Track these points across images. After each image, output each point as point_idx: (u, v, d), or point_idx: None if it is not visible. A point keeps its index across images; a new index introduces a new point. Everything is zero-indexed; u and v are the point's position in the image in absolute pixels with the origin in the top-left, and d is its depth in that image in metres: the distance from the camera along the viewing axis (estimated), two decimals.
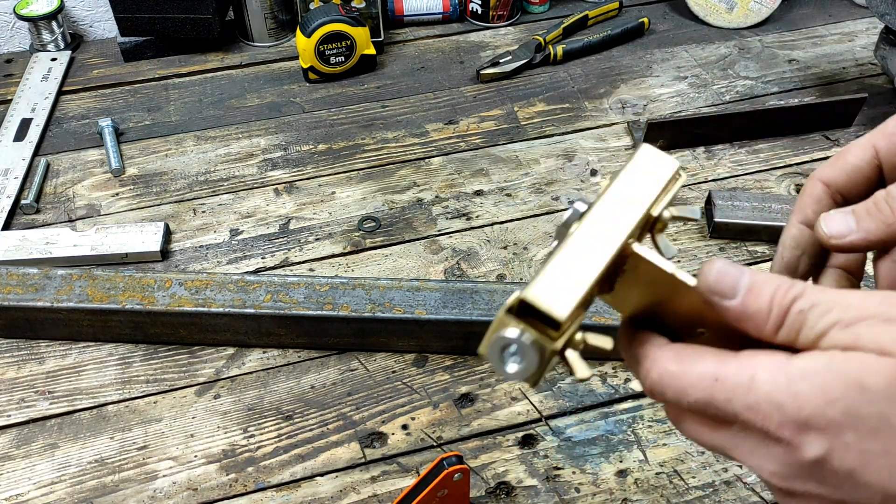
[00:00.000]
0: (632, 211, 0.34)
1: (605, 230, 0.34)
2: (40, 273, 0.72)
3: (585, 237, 0.34)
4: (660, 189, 0.35)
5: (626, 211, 0.34)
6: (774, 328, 0.30)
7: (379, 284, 0.71)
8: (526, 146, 0.94)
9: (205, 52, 1.10)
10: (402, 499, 0.55)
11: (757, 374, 0.29)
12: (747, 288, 0.31)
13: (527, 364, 0.32)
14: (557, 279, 0.32)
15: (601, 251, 0.33)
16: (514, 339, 0.31)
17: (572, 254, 0.33)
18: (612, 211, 0.34)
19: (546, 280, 0.32)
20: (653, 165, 0.36)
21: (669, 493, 0.62)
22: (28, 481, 0.63)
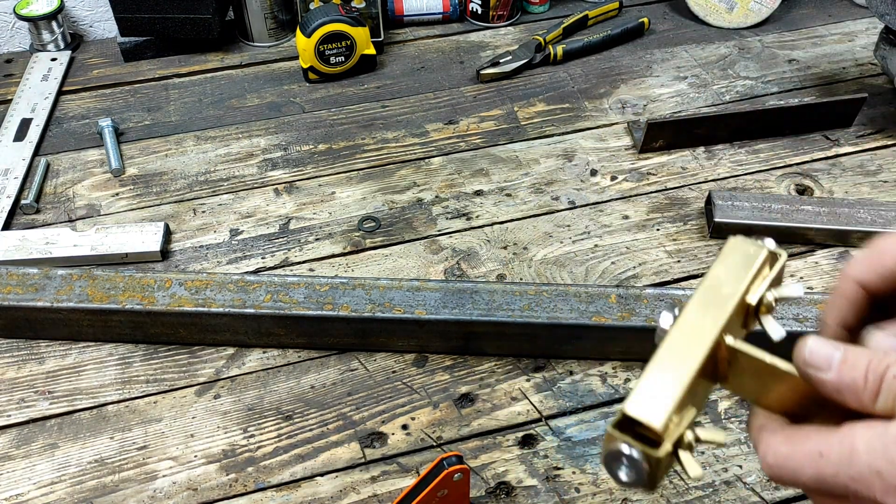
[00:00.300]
0: (722, 306, 0.36)
1: (695, 331, 0.36)
2: (40, 273, 0.72)
3: (677, 342, 0.36)
4: (750, 277, 0.37)
5: (717, 307, 0.36)
6: (872, 396, 0.32)
7: (379, 284, 0.71)
8: (526, 146, 0.94)
9: (205, 52, 1.10)
10: (402, 499, 0.55)
11: (856, 445, 0.30)
12: (841, 360, 0.32)
13: (637, 473, 0.34)
14: (652, 389, 0.34)
15: (692, 354, 0.35)
16: (623, 453, 0.34)
17: (664, 361, 0.35)
18: (701, 310, 0.36)
19: (642, 391, 0.34)
20: (741, 255, 0.38)
21: (669, 493, 0.62)
22: (28, 481, 0.63)
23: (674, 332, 0.36)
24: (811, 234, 0.80)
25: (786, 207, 0.81)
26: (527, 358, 0.72)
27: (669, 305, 0.37)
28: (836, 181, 0.88)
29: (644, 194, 0.88)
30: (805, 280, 0.78)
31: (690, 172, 0.90)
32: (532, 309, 0.69)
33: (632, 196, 0.87)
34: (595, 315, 0.68)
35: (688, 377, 0.34)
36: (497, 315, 0.68)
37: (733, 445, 0.65)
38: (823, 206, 0.81)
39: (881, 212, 0.80)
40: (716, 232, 0.81)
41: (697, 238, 0.82)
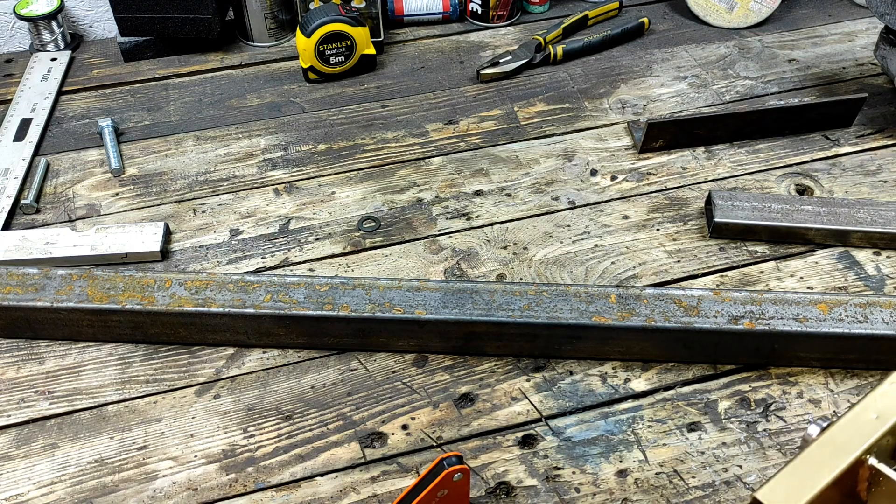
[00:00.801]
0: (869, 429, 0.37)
1: (842, 443, 0.37)
2: (40, 273, 0.72)
3: (819, 451, 0.37)
4: None
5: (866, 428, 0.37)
6: None
7: (379, 284, 0.71)
8: (526, 146, 0.94)
9: (205, 52, 1.10)
10: (402, 499, 0.55)
11: None
12: None
13: None
14: (790, 480, 0.36)
15: (835, 461, 0.36)
16: None
17: (807, 461, 0.36)
18: (850, 429, 0.38)
19: (780, 480, 0.36)
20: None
21: (669, 493, 0.62)
22: (28, 481, 0.63)
23: (820, 441, 0.37)
24: (811, 234, 0.80)
25: (786, 207, 0.81)
26: (527, 358, 0.72)
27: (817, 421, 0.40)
28: (836, 181, 0.88)
29: (644, 194, 0.88)
30: (805, 280, 0.78)
31: (690, 172, 0.90)
32: (532, 309, 0.69)
33: (632, 196, 0.87)
34: (595, 315, 0.68)
35: (824, 482, 0.35)
36: (497, 315, 0.68)
37: (733, 445, 0.65)
38: (823, 206, 0.81)
39: (881, 212, 0.80)
40: (716, 232, 0.81)
41: (697, 238, 0.82)
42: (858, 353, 0.68)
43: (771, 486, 0.35)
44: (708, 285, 0.77)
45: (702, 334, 0.68)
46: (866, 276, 0.78)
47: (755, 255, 0.80)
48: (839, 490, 0.37)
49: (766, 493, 0.35)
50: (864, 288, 0.77)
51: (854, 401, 0.40)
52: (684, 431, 0.66)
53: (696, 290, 0.70)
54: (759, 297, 0.69)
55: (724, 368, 0.70)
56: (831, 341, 0.67)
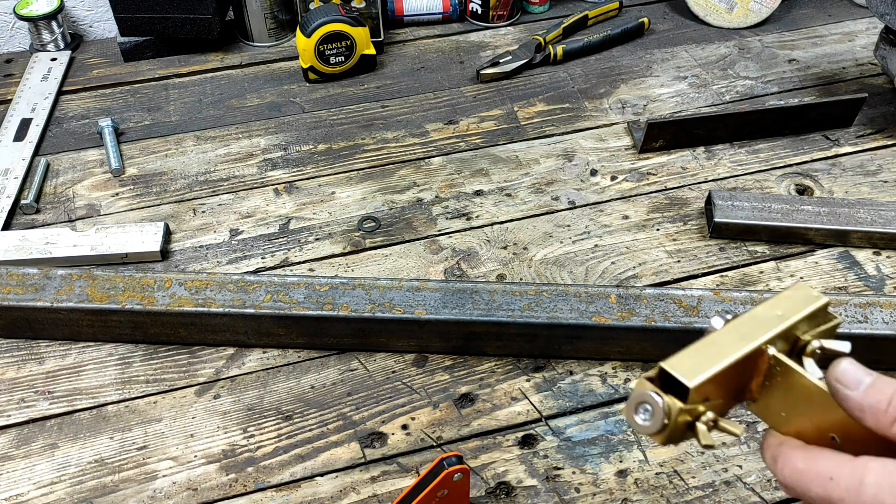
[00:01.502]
0: (772, 323, 0.39)
1: (745, 332, 0.38)
2: (40, 273, 0.72)
3: (727, 333, 0.38)
4: (803, 314, 0.39)
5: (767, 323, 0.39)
6: (890, 421, 0.34)
7: (379, 284, 0.71)
8: (526, 146, 0.94)
9: (205, 52, 1.10)
10: (402, 499, 0.55)
11: (866, 478, 0.33)
12: (870, 384, 0.36)
13: (654, 420, 0.36)
14: (695, 357, 0.37)
15: (739, 344, 0.38)
16: (647, 397, 0.36)
17: (713, 342, 0.38)
18: (753, 322, 0.39)
19: (684, 355, 0.37)
20: (802, 296, 0.40)
21: (669, 493, 0.62)
22: (28, 481, 0.63)
23: (724, 329, 0.38)
24: (811, 234, 0.80)
25: (786, 207, 0.81)
26: (527, 358, 0.72)
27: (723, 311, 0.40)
28: (836, 181, 0.88)
29: (644, 194, 0.88)
30: (805, 280, 0.78)
31: (690, 172, 0.90)
32: (532, 309, 0.69)
33: (632, 196, 0.87)
34: (595, 315, 0.68)
35: (729, 360, 0.37)
36: (497, 315, 0.68)
37: (733, 445, 0.65)
38: (823, 206, 0.81)
39: (881, 212, 0.80)
40: (716, 232, 0.81)
41: (697, 238, 0.82)
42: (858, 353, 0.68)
43: (678, 359, 0.37)
44: (708, 285, 0.77)
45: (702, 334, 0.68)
46: (866, 276, 0.78)
47: (755, 255, 0.80)
48: (737, 376, 0.38)
49: (673, 364, 0.37)
50: (864, 288, 0.77)
51: None
52: None
53: (696, 290, 0.70)
54: (759, 297, 0.69)
55: None
56: None
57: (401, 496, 0.55)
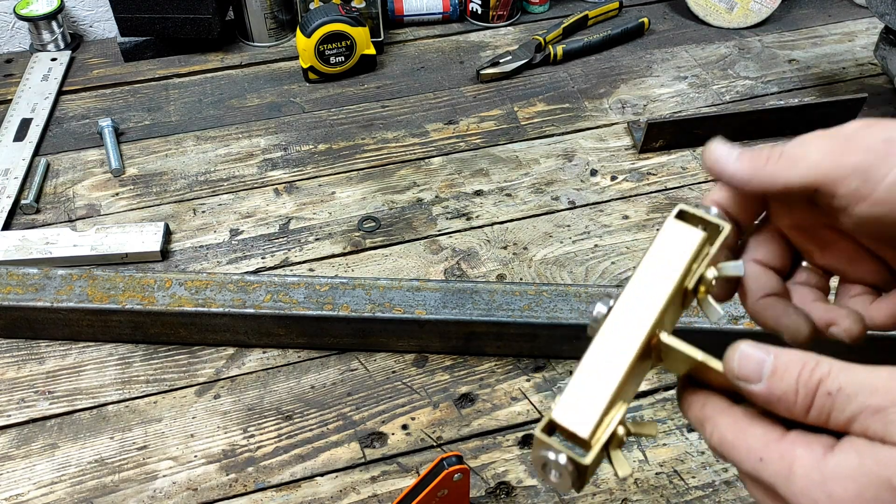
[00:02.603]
0: (654, 298, 0.35)
1: (627, 328, 0.34)
2: (40, 273, 0.72)
3: (607, 340, 0.34)
4: (685, 262, 0.35)
5: (650, 299, 0.35)
6: (804, 411, 0.31)
7: (379, 284, 0.71)
8: (526, 146, 0.94)
9: (205, 52, 1.10)
10: (403, 499, 0.55)
11: (794, 468, 0.30)
12: (771, 371, 0.31)
13: (564, 477, 0.33)
14: (581, 392, 0.33)
15: (623, 354, 0.34)
16: (550, 460, 0.33)
17: (594, 361, 0.34)
18: (634, 303, 0.35)
19: (569, 397, 0.33)
20: (676, 239, 0.36)
21: (669, 493, 0.62)
22: (28, 481, 0.63)
23: (605, 329, 0.35)
24: None
25: None
26: (527, 358, 0.72)
27: (604, 296, 0.37)
28: None
29: (644, 194, 0.88)
30: None
31: (690, 172, 0.90)
32: (532, 309, 0.69)
33: (632, 196, 0.87)
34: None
35: (618, 379, 0.33)
36: (497, 315, 0.68)
37: None
38: None
39: None
40: None
41: None
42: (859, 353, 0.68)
43: (566, 400, 0.33)
44: None
45: (702, 334, 0.68)
46: None
47: None
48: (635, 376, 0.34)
49: (561, 412, 0.33)
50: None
51: None
52: (684, 431, 0.66)
53: None
54: None
55: None
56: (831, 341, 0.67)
57: (401, 496, 0.55)
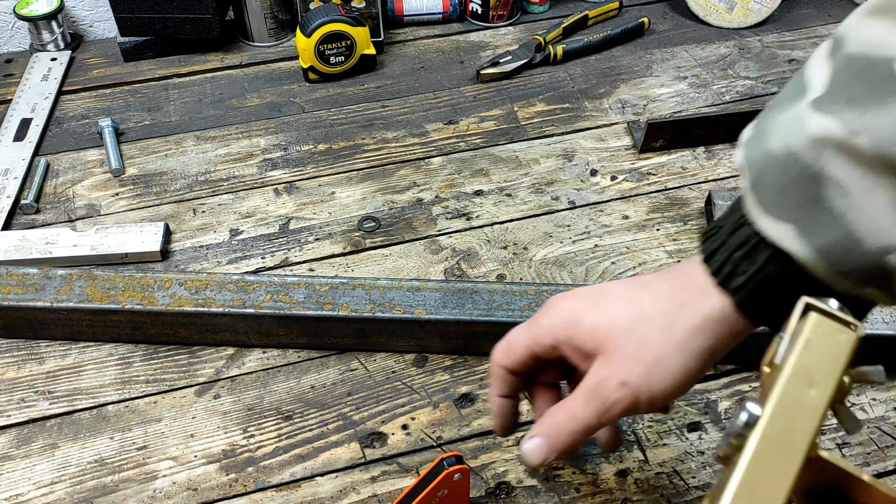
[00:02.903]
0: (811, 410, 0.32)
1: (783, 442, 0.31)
2: (40, 273, 0.72)
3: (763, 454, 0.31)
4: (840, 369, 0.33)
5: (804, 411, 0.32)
6: None
7: (379, 284, 0.71)
8: (526, 146, 0.94)
9: (205, 52, 1.10)
10: (403, 499, 0.55)
11: None
12: None
13: None
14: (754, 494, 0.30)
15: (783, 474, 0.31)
16: None
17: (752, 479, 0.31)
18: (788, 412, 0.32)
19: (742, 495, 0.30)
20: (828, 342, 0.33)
21: (669, 493, 0.62)
22: (28, 481, 0.63)
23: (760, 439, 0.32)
24: None
25: None
26: None
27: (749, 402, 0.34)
28: None
29: (644, 194, 0.88)
30: None
31: (690, 172, 0.90)
32: (532, 309, 0.69)
33: (632, 196, 0.87)
34: None
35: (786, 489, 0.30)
36: (497, 315, 0.68)
37: None
38: None
39: None
40: None
41: (697, 238, 0.82)
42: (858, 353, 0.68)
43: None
44: None
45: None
46: None
47: None
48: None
49: None
50: None
51: None
52: (684, 431, 0.66)
53: None
54: None
55: (724, 368, 0.70)
56: None
57: (401, 496, 0.55)
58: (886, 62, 0.36)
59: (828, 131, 0.37)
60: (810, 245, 0.38)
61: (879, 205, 0.36)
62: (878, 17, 0.37)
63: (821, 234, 0.38)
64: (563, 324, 0.47)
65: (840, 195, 0.37)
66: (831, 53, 0.39)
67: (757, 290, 0.41)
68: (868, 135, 0.36)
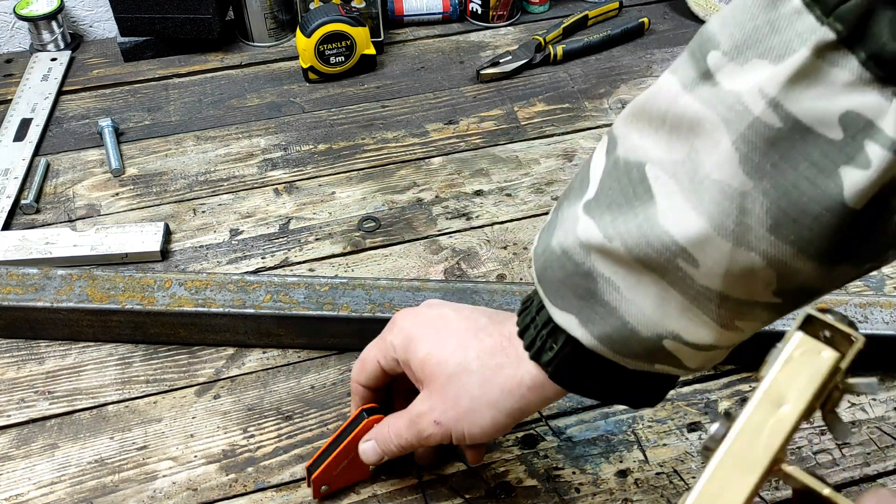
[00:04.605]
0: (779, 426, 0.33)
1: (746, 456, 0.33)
2: (40, 273, 0.72)
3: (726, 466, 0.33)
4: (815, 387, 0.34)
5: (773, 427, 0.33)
6: None
7: (379, 284, 0.71)
8: (526, 146, 0.94)
9: (205, 52, 1.10)
10: (325, 448, 0.59)
11: None
12: None
13: None
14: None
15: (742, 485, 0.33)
16: None
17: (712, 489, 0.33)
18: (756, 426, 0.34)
19: None
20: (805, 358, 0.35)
21: (669, 493, 0.62)
22: (28, 481, 0.63)
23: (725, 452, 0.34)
24: None
25: None
26: None
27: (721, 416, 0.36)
28: None
29: None
30: None
31: None
32: None
33: None
34: None
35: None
36: None
37: None
38: None
39: None
40: None
41: None
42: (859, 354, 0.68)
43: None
44: None
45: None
46: (866, 275, 0.78)
47: None
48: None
49: None
50: (864, 288, 0.77)
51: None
52: (684, 431, 0.66)
53: None
54: None
55: (724, 368, 0.70)
56: None
57: (324, 446, 0.59)
58: (639, 166, 0.38)
59: (591, 237, 0.40)
60: (591, 334, 0.42)
61: (645, 298, 0.39)
62: (634, 122, 0.39)
63: (599, 323, 0.42)
64: (402, 346, 0.53)
65: (611, 290, 0.40)
66: (608, 151, 0.41)
67: (562, 364, 0.45)
68: (619, 239, 0.38)
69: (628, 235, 0.38)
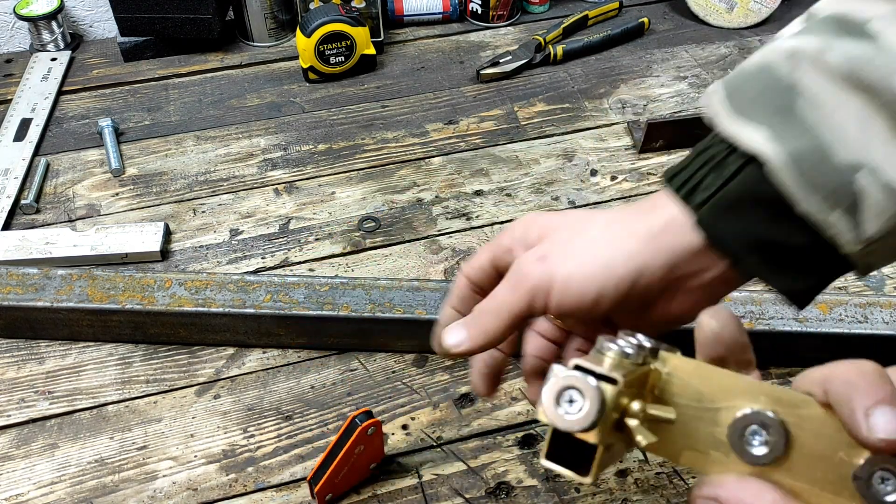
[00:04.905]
0: None
1: None
2: (40, 273, 0.72)
3: None
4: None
5: None
6: None
7: (379, 284, 0.71)
8: (526, 146, 0.94)
9: (205, 52, 1.10)
10: (324, 460, 0.58)
11: None
12: None
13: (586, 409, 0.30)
14: None
15: None
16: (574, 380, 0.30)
17: None
18: None
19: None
20: None
21: (669, 493, 0.62)
22: (28, 481, 0.63)
23: None
24: None
25: None
26: None
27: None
28: None
29: (644, 194, 0.88)
30: None
31: None
32: None
33: (632, 196, 0.87)
34: None
35: None
36: None
37: None
38: None
39: None
40: None
41: None
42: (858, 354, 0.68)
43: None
44: None
45: None
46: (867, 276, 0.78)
47: None
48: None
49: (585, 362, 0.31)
50: (864, 288, 0.77)
51: None
52: None
53: None
54: (759, 296, 0.69)
55: None
56: (831, 341, 0.67)
57: (321, 458, 0.58)
58: (860, 23, 0.38)
59: (806, 45, 0.39)
60: (783, 149, 0.38)
61: (848, 119, 0.37)
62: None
63: (794, 139, 0.38)
64: (523, 223, 0.46)
65: (812, 107, 0.38)
66: (804, 21, 0.42)
67: (719, 204, 0.40)
68: (840, 50, 0.37)
69: (848, 50, 0.37)
